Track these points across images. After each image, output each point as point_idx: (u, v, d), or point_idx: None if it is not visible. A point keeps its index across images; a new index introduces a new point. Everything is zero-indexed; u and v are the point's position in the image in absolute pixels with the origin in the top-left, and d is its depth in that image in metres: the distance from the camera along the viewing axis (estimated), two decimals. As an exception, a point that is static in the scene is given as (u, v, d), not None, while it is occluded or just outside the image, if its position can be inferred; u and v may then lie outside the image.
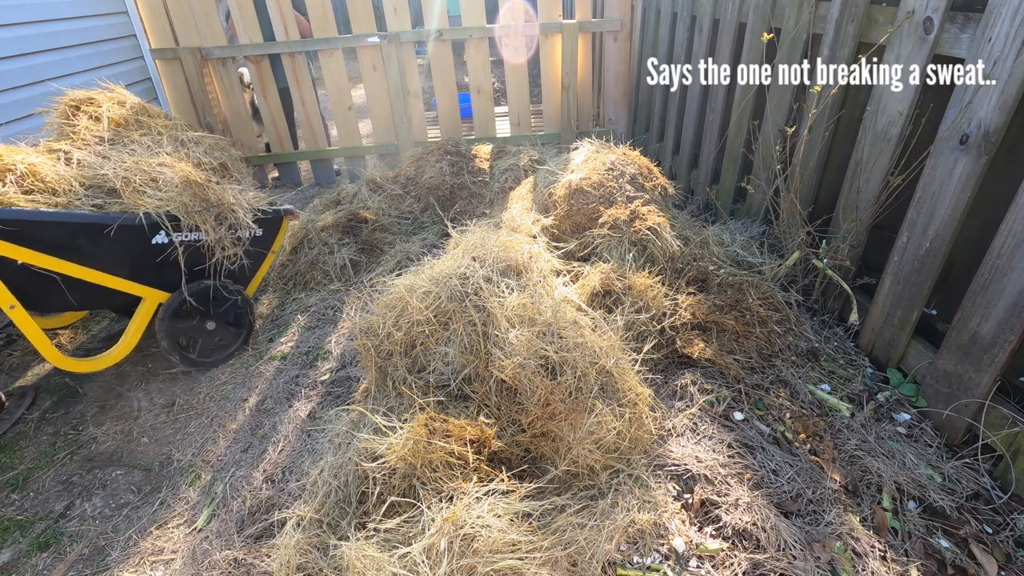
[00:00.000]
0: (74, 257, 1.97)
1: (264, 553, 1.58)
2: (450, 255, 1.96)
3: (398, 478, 1.46)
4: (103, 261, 2.05)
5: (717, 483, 1.62)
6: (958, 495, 1.58)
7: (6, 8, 3.06)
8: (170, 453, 2.04)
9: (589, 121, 4.25)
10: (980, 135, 1.59)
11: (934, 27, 1.72)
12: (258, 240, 2.51)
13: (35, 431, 2.21)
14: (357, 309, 2.63)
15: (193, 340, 2.38)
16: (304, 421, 2.09)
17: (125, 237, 2.06)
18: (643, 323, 2.09)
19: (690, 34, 3.41)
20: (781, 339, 2.16)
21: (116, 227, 2.01)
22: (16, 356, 2.70)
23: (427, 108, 6.12)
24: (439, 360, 1.71)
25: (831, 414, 1.88)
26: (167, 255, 2.18)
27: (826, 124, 2.25)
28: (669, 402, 1.94)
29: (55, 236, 1.91)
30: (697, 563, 1.43)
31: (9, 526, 1.81)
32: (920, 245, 1.84)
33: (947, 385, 1.77)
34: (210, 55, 3.80)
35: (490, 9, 3.87)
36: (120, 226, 2.02)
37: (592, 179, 2.55)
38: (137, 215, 2.06)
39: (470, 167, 3.70)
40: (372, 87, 3.99)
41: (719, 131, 3.19)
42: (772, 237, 2.59)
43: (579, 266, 2.36)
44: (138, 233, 2.08)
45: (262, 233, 2.50)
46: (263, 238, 2.53)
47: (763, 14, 2.60)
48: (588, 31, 3.91)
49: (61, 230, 1.92)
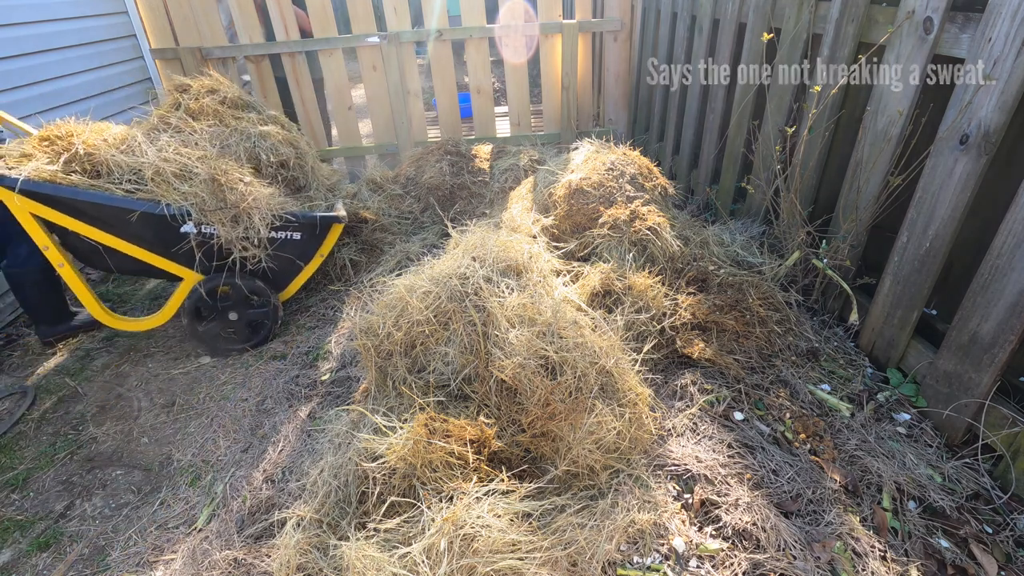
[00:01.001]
0: (112, 230, 2.23)
1: (264, 553, 1.58)
2: (450, 255, 1.96)
3: (398, 478, 1.46)
4: (137, 237, 2.27)
5: (717, 483, 1.62)
6: (958, 495, 1.58)
7: (6, 8, 3.06)
8: (170, 453, 2.04)
9: (589, 121, 4.24)
10: (980, 135, 1.59)
11: (934, 27, 1.72)
12: (295, 245, 2.47)
13: (35, 431, 2.21)
14: (357, 309, 2.63)
15: (212, 327, 2.47)
16: (304, 421, 2.09)
17: (153, 221, 2.24)
18: (643, 323, 2.09)
19: (690, 34, 3.41)
20: (781, 339, 2.16)
21: (140, 212, 2.20)
22: (16, 356, 2.70)
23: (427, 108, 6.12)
24: (439, 360, 1.71)
25: (831, 414, 1.88)
26: (196, 243, 2.32)
27: (826, 124, 2.25)
28: (669, 402, 1.94)
29: (92, 212, 2.18)
30: (697, 563, 1.43)
31: (9, 526, 1.81)
32: (920, 245, 1.84)
33: (947, 385, 1.77)
34: (210, 55, 3.80)
35: (490, 9, 3.87)
36: (146, 212, 2.21)
37: (592, 179, 2.55)
38: (159, 204, 2.22)
39: (470, 167, 3.70)
40: (372, 87, 3.99)
41: (719, 131, 3.19)
42: (772, 237, 2.59)
43: (579, 266, 2.36)
44: (162, 220, 2.24)
45: (300, 238, 2.47)
46: (302, 243, 2.49)
47: (763, 14, 2.60)
48: (588, 31, 3.91)
49: (92, 207, 2.17)
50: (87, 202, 2.14)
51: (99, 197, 2.16)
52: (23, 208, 2.10)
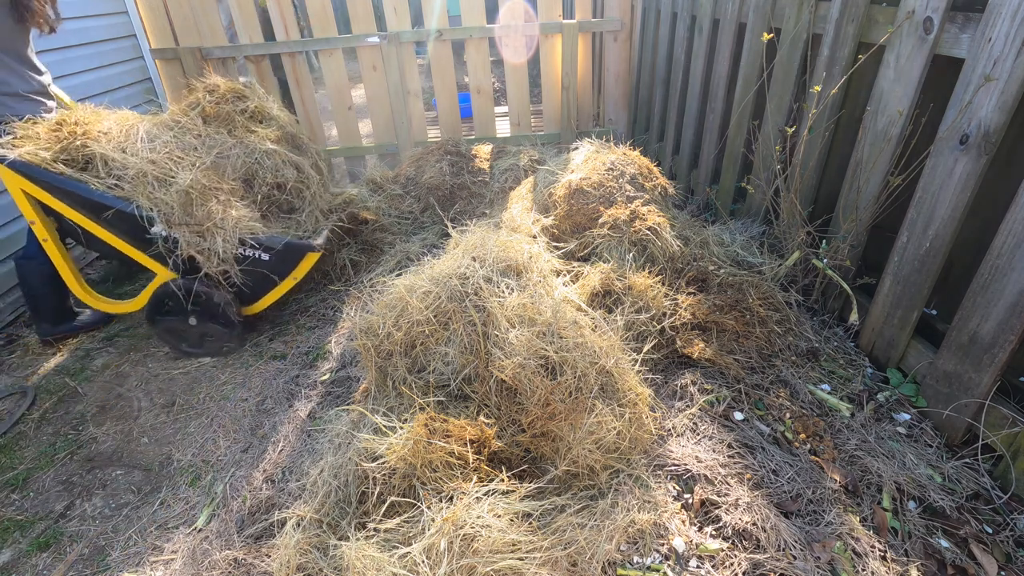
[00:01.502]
0: (91, 218, 2.32)
1: (264, 553, 1.58)
2: (450, 255, 1.96)
3: (398, 478, 1.46)
4: (113, 228, 2.34)
5: (717, 483, 1.62)
6: (958, 495, 1.58)
7: (6, 8, 3.05)
8: (170, 453, 2.04)
9: (589, 121, 4.24)
10: (980, 135, 1.59)
11: (934, 27, 1.72)
12: (265, 264, 2.46)
13: (35, 431, 2.21)
14: (357, 309, 2.63)
15: (169, 322, 2.49)
16: (304, 421, 2.09)
17: (127, 218, 2.29)
18: (643, 323, 2.09)
19: (690, 34, 3.41)
20: (781, 339, 2.16)
21: (116, 209, 2.26)
22: (16, 356, 2.70)
23: (427, 108, 6.11)
24: (439, 360, 1.71)
25: (831, 414, 1.88)
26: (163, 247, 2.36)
27: (826, 124, 2.25)
28: (669, 402, 1.94)
29: (72, 198, 2.28)
30: (697, 563, 1.43)
31: (9, 526, 1.81)
32: (920, 245, 1.84)
33: (947, 385, 1.77)
34: (210, 55, 3.80)
35: (490, 9, 3.87)
36: (120, 209, 2.27)
37: (592, 179, 2.55)
38: (131, 204, 2.27)
39: (470, 167, 3.70)
40: (372, 87, 3.99)
41: (719, 131, 3.19)
42: (772, 237, 2.59)
43: (579, 266, 2.36)
44: (133, 218, 2.29)
45: (269, 259, 2.45)
46: (272, 263, 2.47)
47: (763, 14, 2.60)
48: (588, 31, 3.90)
49: (71, 197, 2.27)
50: (66, 189, 2.25)
51: (77, 187, 2.24)
52: (14, 184, 2.24)
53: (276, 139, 2.77)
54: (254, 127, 2.76)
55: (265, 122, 2.84)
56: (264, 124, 2.82)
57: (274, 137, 2.77)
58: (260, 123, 2.82)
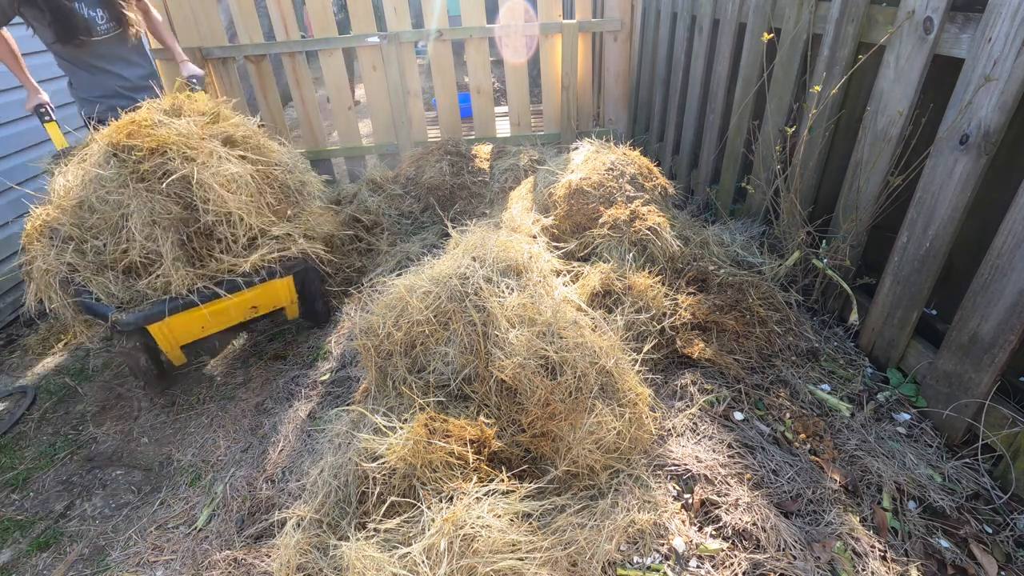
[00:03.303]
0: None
1: (264, 553, 1.58)
2: (450, 255, 1.96)
3: (398, 478, 1.46)
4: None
5: (717, 483, 1.62)
6: (958, 495, 1.58)
7: (6, 8, 3.05)
8: (170, 453, 2.04)
9: (589, 121, 4.24)
10: (980, 135, 1.59)
11: (934, 27, 1.72)
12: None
13: (35, 431, 2.21)
14: (357, 309, 2.63)
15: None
16: (304, 421, 2.09)
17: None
18: (643, 323, 2.09)
19: (690, 34, 3.41)
20: (781, 339, 2.16)
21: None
22: (16, 356, 2.70)
23: (427, 108, 6.11)
24: (439, 360, 1.71)
25: (831, 414, 1.88)
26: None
27: (826, 124, 2.25)
28: (669, 402, 1.94)
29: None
30: (697, 563, 1.43)
31: (9, 526, 1.81)
32: (920, 245, 1.84)
33: (947, 385, 1.77)
34: (210, 55, 3.80)
35: (490, 9, 3.87)
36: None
37: (592, 179, 2.55)
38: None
39: (470, 167, 3.70)
40: (372, 87, 3.99)
41: (719, 131, 3.19)
42: (772, 237, 2.59)
43: (579, 266, 2.36)
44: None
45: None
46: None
47: (763, 14, 2.60)
48: (588, 31, 3.90)
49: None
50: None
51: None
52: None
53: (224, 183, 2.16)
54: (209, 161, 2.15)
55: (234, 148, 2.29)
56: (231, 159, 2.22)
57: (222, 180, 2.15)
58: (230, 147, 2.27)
